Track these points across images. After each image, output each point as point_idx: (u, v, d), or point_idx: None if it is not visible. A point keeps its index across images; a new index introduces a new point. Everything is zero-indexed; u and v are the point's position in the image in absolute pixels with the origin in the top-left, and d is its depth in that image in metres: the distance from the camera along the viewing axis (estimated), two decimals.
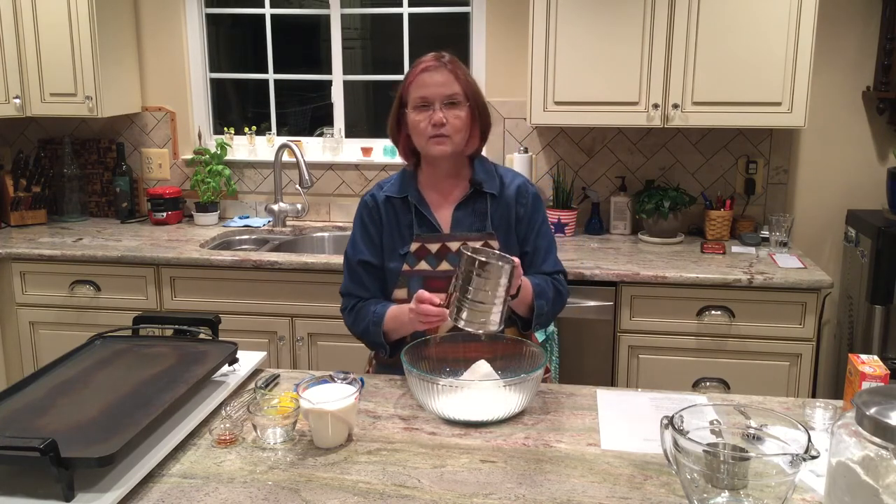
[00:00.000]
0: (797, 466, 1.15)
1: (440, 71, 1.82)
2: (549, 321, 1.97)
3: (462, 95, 1.83)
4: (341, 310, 1.96)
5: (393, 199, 1.92)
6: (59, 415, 1.43)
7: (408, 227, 1.90)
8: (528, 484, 1.33)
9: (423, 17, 3.42)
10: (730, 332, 2.68)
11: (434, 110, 1.81)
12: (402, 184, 1.94)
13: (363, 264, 1.91)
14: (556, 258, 1.98)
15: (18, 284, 3.02)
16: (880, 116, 3.12)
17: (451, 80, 1.82)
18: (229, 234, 3.35)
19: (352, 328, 1.93)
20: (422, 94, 1.82)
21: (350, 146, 3.53)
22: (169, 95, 3.54)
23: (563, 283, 1.96)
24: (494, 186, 1.92)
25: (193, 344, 1.77)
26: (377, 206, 1.92)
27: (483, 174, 1.92)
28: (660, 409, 1.62)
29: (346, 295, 1.95)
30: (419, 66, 1.84)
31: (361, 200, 1.97)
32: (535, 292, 1.84)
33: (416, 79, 1.83)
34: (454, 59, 1.88)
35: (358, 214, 1.96)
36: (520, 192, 1.94)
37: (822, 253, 3.26)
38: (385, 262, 1.91)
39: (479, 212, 1.91)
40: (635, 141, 3.27)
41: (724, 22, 2.79)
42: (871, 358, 1.51)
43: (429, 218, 1.90)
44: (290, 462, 1.41)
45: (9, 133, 3.63)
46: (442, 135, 1.82)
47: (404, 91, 1.87)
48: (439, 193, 1.93)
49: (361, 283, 1.92)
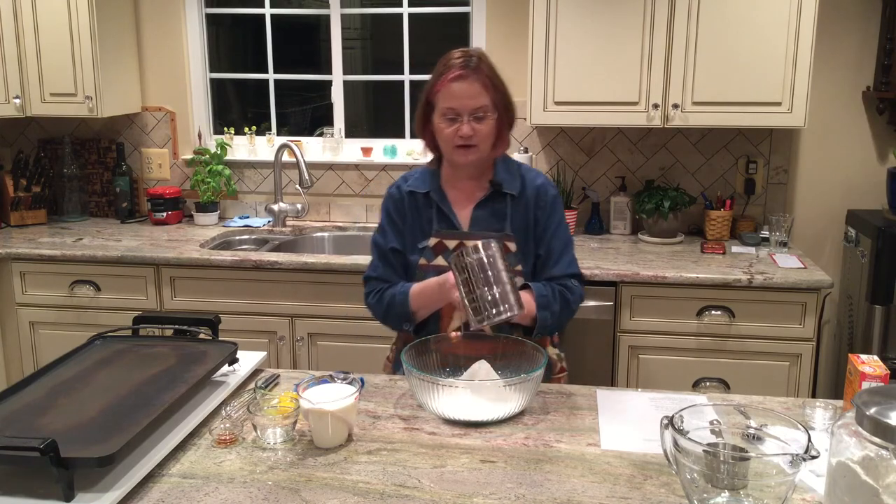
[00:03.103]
0: (797, 466, 1.15)
1: (469, 81, 1.78)
2: (554, 331, 1.93)
3: (490, 107, 1.80)
4: (365, 294, 1.96)
5: (416, 193, 1.93)
6: (59, 415, 1.43)
7: (428, 222, 1.92)
8: (528, 484, 1.33)
9: (423, 17, 3.42)
10: (730, 332, 2.68)
11: (462, 122, 1.79)
12: (425, 179, 1.94)
13: (393, 251, 1.93)
14: (572, 260, 1.93)
15: (18, 284, 3.02)
16: (880, 116, 3.11)
17: (481, 91, 1.78)
18: (229, 234, 3.35)
19: (375, 307, 1.94)
20: (450, 105, 1.79)
21: (350, 146, 3.53)
22: (169, 95, 3.54)
23: (573, 288, 1.89)
24: (515, 187, 1.90)
25: (193, 344, 1.77)
26: (402, 198, 1.94)
27: (505, 174, 1.91)
28: (660, 409, 1.62)
29: (372, 279, 1.95)
30: (449, 73, 1.79)
31: (387, 191, 1.99)
32: (538, 304, 1.81)
33: (445, 88, 1.78)
34: (482, 59, 1.82)
35: (384, 205, 1.98)
36: (539, 193, 1.91)
37: (822, 253, 3.26)
38: (407, 252, 1.93)
39: (499, 212, 1.90)
40: (635, 141, 3.27)
41: (724, 22, 2.79)
42: (871, 358, 1.51)
43: (448, 215, 1.90)
44: (290, 462, 1.41)
45: (9, 133, 3.63)
46: (469, 145, 1.81)
47: (432, 94, 1.83)
48: (461, 192, 1.93)
49: (392, 266, 1.93)
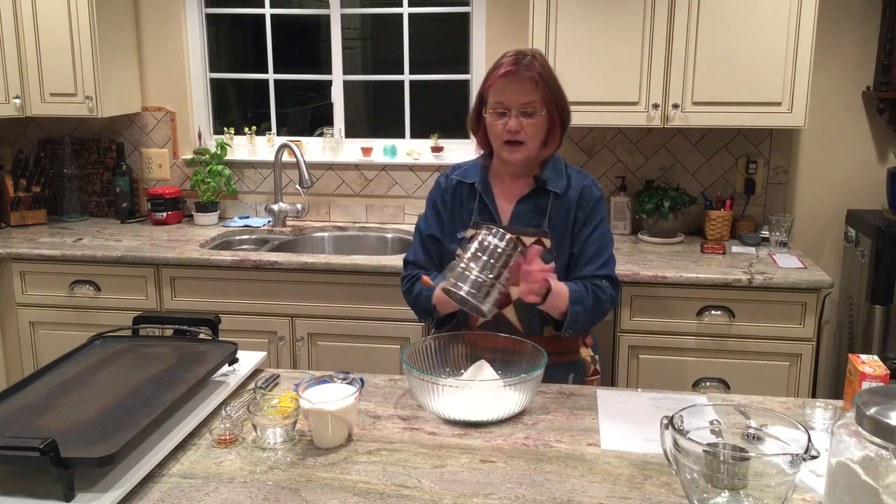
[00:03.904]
0: (797, 466, 1.15)
1: (518, 77, 1.80)
2: (585, 328, 1.90)
3: (539, 103, 1.81)
4: (402, 277, 2.01)
5: (463, 183, 1.96)
6: (59, 415, 1.43)
7: (469, 213, 1.94)
8: (528, 484, 1.33)
9: (423, 17, 3.42)
10: (730, 332, 2.68)
11: (510, 116, 1.81)
12: (474, 170, 1.97)
13: (432, 239, 1.97)
14: (607, 262, 1.90)
15: (18, 284, 3.02)
16: (880, 116, 3.11)
17: (530, 87, 1.80)
18: (229, 234, 3.35)
19: (406, 294, 1.99)
20: (499, 100, 1.82)
21: (350, 146, 3.53)
22: (169, 95, 3.54)
23: (604, 288, 1.87)
24: (560, 186, 1.91)
25: (193, 344, 1.77)
26: (448, 188, 1.97)
27: (551, 173, 1.92)
28: (660, 409, 1.62)
29: (410, 263, 2.00)
30: (500, 68, 1.82)
31: (436, 181, 2.03)
32: (571, 298, 1.80)
33: (496, 83, 1.82)
34: (535, 58, 1.84)
35: (431, 194, 2.02)
36: (583, 194, 1.91)
37: (822, 253, 3.26)
38: (445, 241, 1.96)
39: (540, 208, 1.91)
40: (635, 141, 3.27)
41: (724, 22, 2.79)
42: (871, 358, 1.51)
43: (490, 207, 1.92)
44: (290, 462, 1.41)
45: (9, 133, 3.63)
46: (517, 141, 1.83)
47: (485, 90, 1.87)
48: (506, 186, 1.95)
49: (429, 253, 1.98)
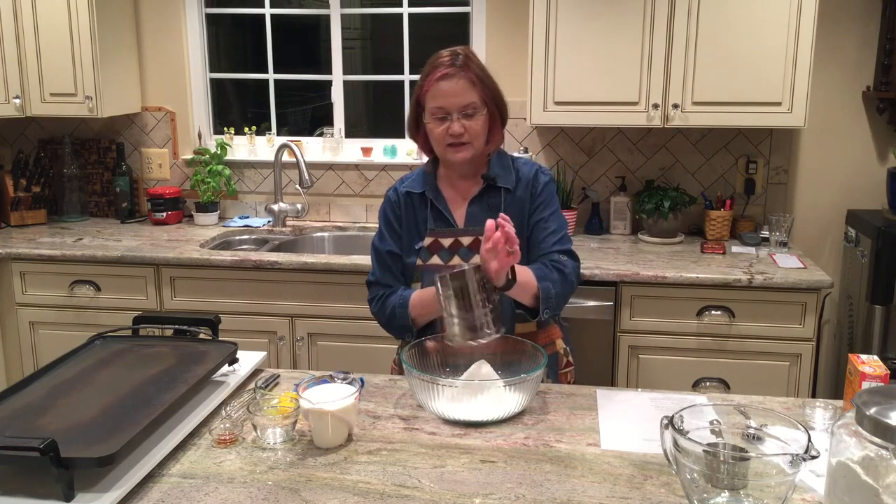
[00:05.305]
0: (797, 466, 1.15)
1: (456, 79, 1.79)
2: (559, 305, 1.87)
3: (479, 103, 1.81)
4: (369, 300, 1.97)
5: (412, 194, 1.94)
6: (59, 415, 1.43)
7: (424, 222, 1.92)
8: (528, 484, 1.33)
9: (423, 17, 3.42)
10: (730, 332, 2.68)
11: (452, 121, 1.80)
12: (421, 180, 1.95)
13: (391, 255, 1.94)
14: (562, 238, 1.89)
15: (18, 284, 3.02)
16: (880, 116, 3.11)
17: (468, 87, 1.79)
18: (229, 234, 3.35)
19: (378, 315, 1.95)
20: (439, 105, 1.80)
21: (350, 146, 3.53)
22: (169, 95, 3.54)
23: (566, 263, 1.86)
24: (509, 181, 1.90)
25: (193, 344, 1.77)
26: (398, 201, 1.95)
27: (499, 169, 1.91)
28: (660, 409, 1.62)
29: (374, 284, 1.96)
30: (435, 72, 1.80)
31: (386, 195, 1.99)
32: (537, 276, 1.79)
33: (433, 87, 1.79)
34: (469, 56, 1.83)
35: (382, 208, 1.98)
36: (532, 182, 1.91)
37: (822, 253, 3.26)
38: (404, 255, 1.93)
39: (493, 206, 1.89)
40: (635, 141, 3.27)
41: (724, 22, 2.79)
42: (871, 358, 1.51)
43: (444, 213, 1.91)
44: (290, 462, 1.41)
45: (9, 133, 3.63)
46: (461, 143, 1.82)
47: (421, 95, 1.84)
48: (456, 190, 1.94)
49: (390, 271, 1.94)
